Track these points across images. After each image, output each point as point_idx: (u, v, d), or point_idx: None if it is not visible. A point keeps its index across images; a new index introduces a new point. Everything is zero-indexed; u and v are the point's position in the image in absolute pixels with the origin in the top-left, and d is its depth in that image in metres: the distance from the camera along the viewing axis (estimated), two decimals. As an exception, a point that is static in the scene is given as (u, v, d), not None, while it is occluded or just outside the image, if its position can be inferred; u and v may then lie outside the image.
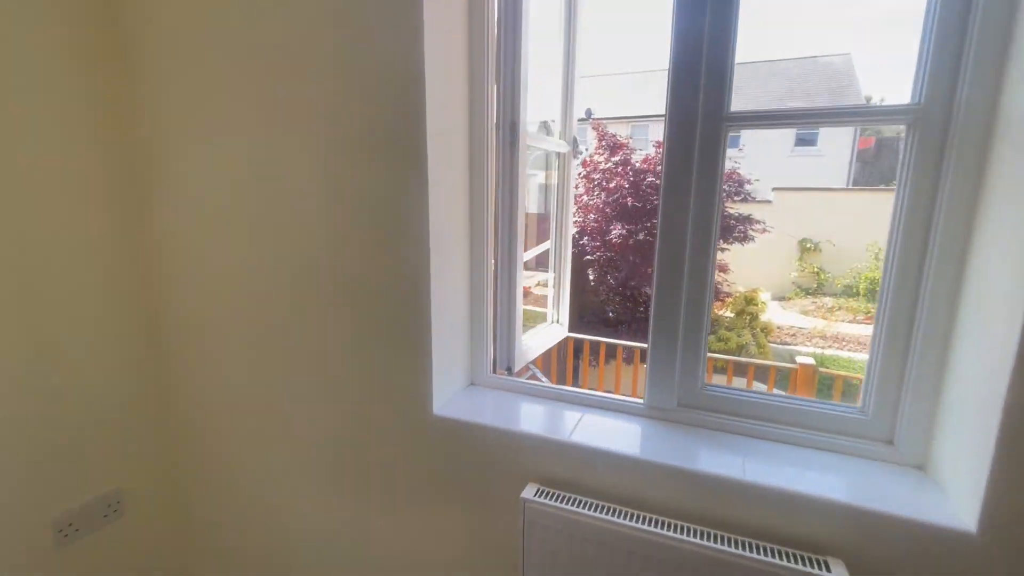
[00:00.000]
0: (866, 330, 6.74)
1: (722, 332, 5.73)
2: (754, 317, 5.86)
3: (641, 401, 1.20)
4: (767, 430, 1.08)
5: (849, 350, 5.89)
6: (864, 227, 8.37)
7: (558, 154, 1.69)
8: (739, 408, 1.12)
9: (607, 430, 1.14)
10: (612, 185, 5.42)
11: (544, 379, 1.48)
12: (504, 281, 1.37)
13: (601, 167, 5.75)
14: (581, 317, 6.36)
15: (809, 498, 0.90)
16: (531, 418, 1.21)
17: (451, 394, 1.27)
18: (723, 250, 5.55)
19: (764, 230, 5.45)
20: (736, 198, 5.40)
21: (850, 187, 9.08)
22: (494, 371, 1.41)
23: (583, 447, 1.06)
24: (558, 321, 1.80)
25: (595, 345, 4.81)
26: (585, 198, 6.01)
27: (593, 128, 6.27)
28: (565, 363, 4.80)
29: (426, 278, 1.12)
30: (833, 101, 17.90)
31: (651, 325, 1.16)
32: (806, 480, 0.94)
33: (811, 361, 3.86)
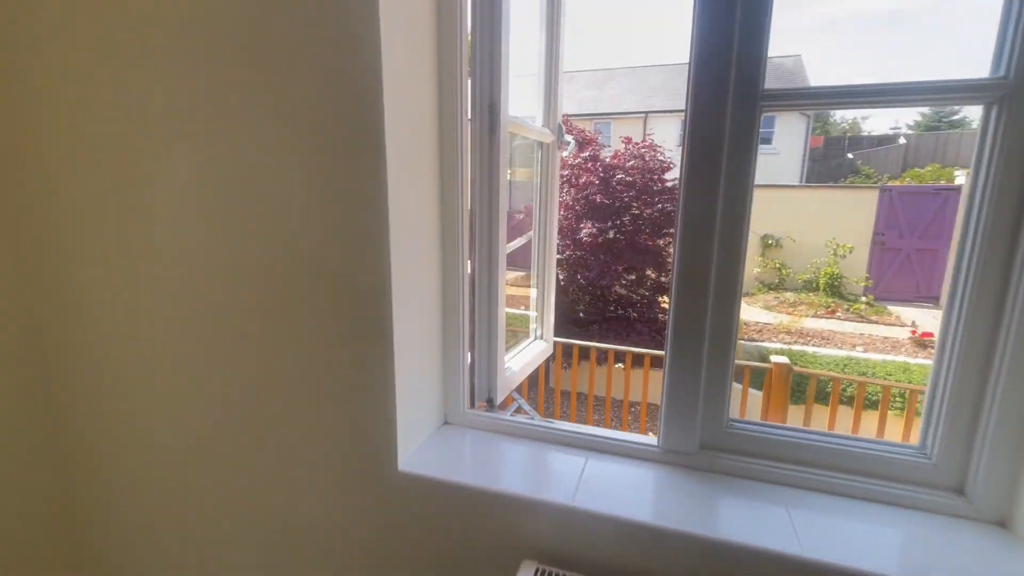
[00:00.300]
0: (829, 324, 6.88)
1: (693, 331, 5.68)
2: (723, 315, 5.83)
3: (654, 442, 1.00)
4: (807, 477, 0.89)
5: (814, 345, 5.97)
6: (822, 223, 8.57)
7: (540, 144, 1.46)
8: (773, 450, 0.93)
9: (617, 484, 0.92)
10: (581, 181, 5.26)
11: (531, 410, 1.25)
12: (483, 291, 1.14)
13: (570, 163, 5.58)
14: (551, 318, 6.18)
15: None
16: (523, 471, 0.98)
17: (421, 440, 1.03)
18: (693, 248, 5.49)
19: (734, 227, 5.43)
20: (705, 195, 5.35)
21: (809, 184, 9.28)
22: (472, 405, 1.17)
23: (592, 514, 0.84)
24: (542, 336, 1.58)
25: (567, 348, 4.63)
26: (554, 195, 5.83)
27: (560, 123, 6.09)
28: (536, 369, 4.59)
29: (386, 291, 0.87)
30: (786, 101, 18.39)
31: (668, 349, 0.95)
32: (870, 550, 0.75)
33: (785, 360, 3.81)
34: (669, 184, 5.47)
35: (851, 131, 36.30)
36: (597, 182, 5.18)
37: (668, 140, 6.03)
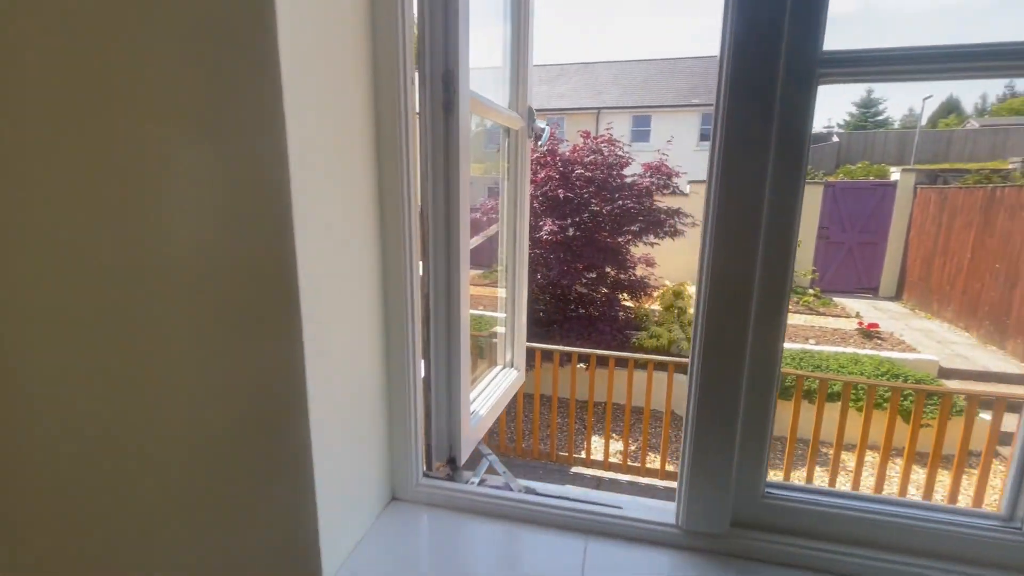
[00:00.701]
0: (780, 318, 7.02)
1: (653, 329, 5.61)
2: (682, 311, 5.80)
3: (671, 519, 0.77)
4: (869, 564, 0.69)
5: (769, 339, 6.04)
6: (771, 218, 8.77)
7: (508, 131, 1.20)
8: (824, 525, 0.72)
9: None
10: (540, 177, 5.04)
11: (502, 469, 0.99)
12: (440, 308, 0.87)
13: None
14: (510, 319, 5.95)
15: None
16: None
17: (357, 534, 0.75)
18: (653, 244, 5.40)
19: (694, 223, 5.37)
20: (665, 191, 5.26)
21: (758, 180, 9.45)
22: (429, 467, 0.90)
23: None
24: (513, 364, 1.32)
25: (529, 350, 4.42)
26: (512, 191, 5.58)
27: (531, 107, 5.84)
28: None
29: (291, 304, 0.59)
30: (731, 99, 18.94)
31: (695, 394, 0.72)
32: None
33: (751, 359, 3.74)
34: (628, 180, 5.34)
35: (789, 129, 38.11)
36: (557, 177, 4.98)
37: (623, 137, 5.91)
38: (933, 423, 3.45)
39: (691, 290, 5.93)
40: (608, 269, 5.69)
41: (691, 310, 5.86)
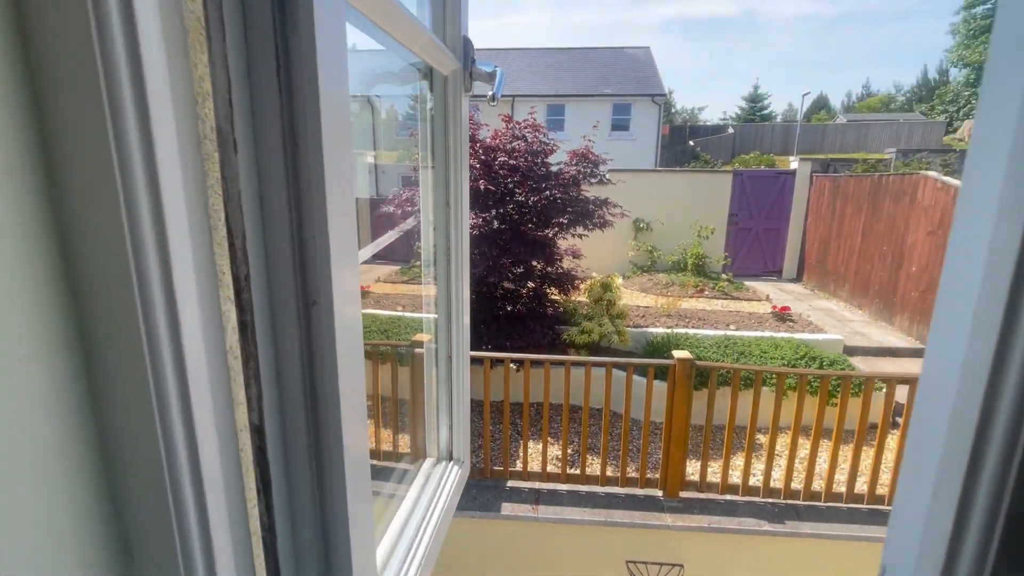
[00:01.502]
0: (701, 304, 7.18)
1: (584, 324, 5.41)
2: (611, 304, 5.67)
3: None
4: None
5: (693, 327, 6.12)
6: (686, 206, 9.00)
7: (433, 74, 0.76)
8: None
9: None
10: (460, 166, 4.59)
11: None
12: (293, 398, 0.43)
13: (445, 144, 4.86)
14: (433, 322, 5.47)
15: None
16: None
17: None
18: (582, 236, 5.18)
19: (622, 214, 5.21)
20: (592, 180, 5.04)
21: (672, 169, 9.70)
22: None
23: None
24: (452, 453, 0.89)
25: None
26: (429, 181, 5.07)
27: (468, 39, 5.31)
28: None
29: None
30: (640, 89, 19.59)
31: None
32: None
33: (687, 355, 3.62)
34: (554, 169, 5.05)
35: (691, 120, 40.68)
36: (479, 166, 4.55)
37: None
38: (858, 402, 3.58)
39: (619, 282, 5.82)
40: (535, 263, 5.39)
41: (620, 302, 5.75)
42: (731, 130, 27.25)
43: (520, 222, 5.06)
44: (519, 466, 4.14)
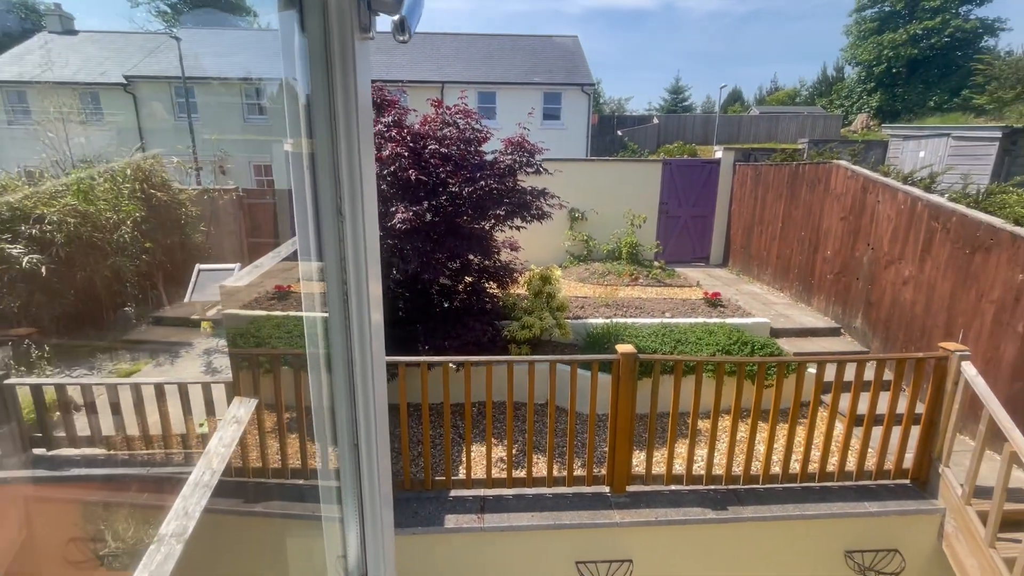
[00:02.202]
0: (636, 292, 7.26)
1: (525, 319, 5.25)
2: (551, 296, 5.55)
3: None
4: None
5: (631, 316, 6.15)
6: (619, 195, 9.08)
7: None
8: None
9: None
10: (386, 154, 4.21)
11: None
12: None
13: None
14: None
15: None
16: None
17: None
18: (520, 228, 4.98)
19: (560, 205, 5.06)
20: (528, 170, 4.84)
21: (606, 158, 9.75)
22: None
23: None
24: None
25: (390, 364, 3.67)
26: (353, 171, 4.64)
27: None
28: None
29: None
30: (569, 78, 19.67)
31: None
32: None
33: (631, 349, 3.54)
34: (488, 158, 4.80)
35: (618, 111, 41.72)
36: (407, 154, 4.20)
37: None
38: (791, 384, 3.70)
39: (559, 273, 5.70)
40: (472, 257, 5.14)
41: (560, 295, 5.64)
42: (656, 120, 28.19)
43: (455, 214, 4.78)
44: (462, 473, 3.92)
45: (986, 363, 4.34)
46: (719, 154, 9.11)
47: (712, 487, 3.86)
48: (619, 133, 26.14)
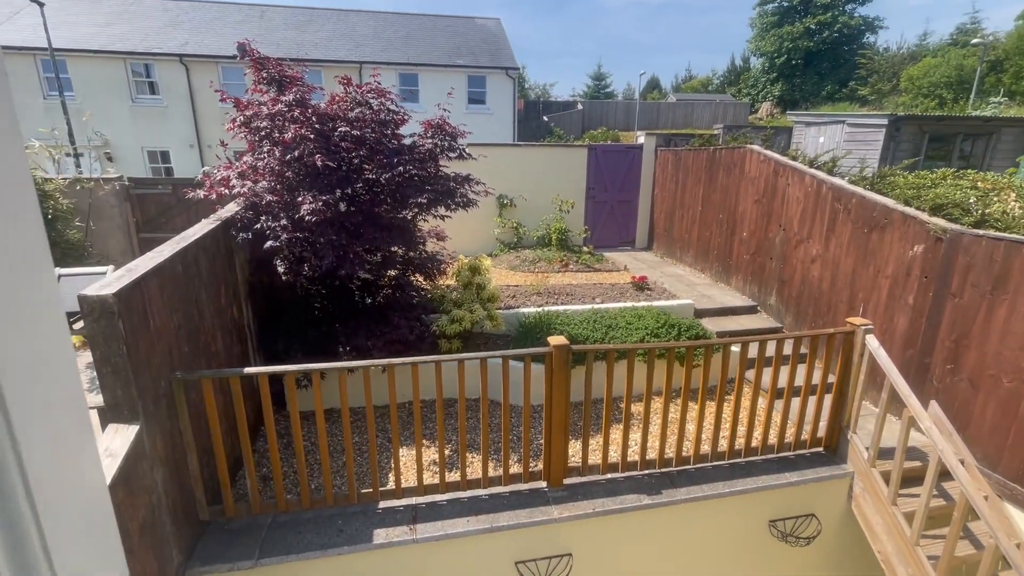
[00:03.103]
0: (567, 279, 7.24)
1: (454, 312, 5.01)
2: (482, 287, 5.35)
3: None
4: None
5: (563, 303, 6.10)
6: (546, 181, 9.00)
7: None
8: None
9: None
10: (289, 137, 3.76)
11: None
12: None
13: (267, 111, 3.95)
14: (278, 327, 4.61)
15: None
16: None
17: None
18: (444, 218, 4.70)
19: (486, 191, 4.83)
20: (451, 155, 4.56)
21: (534, 144, 9.62)
22: None
23: None
24: None
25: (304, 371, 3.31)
26: (249, 158, 4.12)
27: (246, 55, 4.31)
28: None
29: None
30: (494, 61, 19.33)
31: None
32: None
33: (564, 341, 3.43)
34: (407, 141, 4.46)
35: (543, 96, 41.86)
36: (313, 137, 3.78)
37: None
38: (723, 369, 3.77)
39: (488, 263, 5.50)
40: (396, 249, 4.81)
41: (491, 285, 5.45)
42: (580, 107, 28.58)
43: (373, 203, 4.41)
44: (392, 482, 3.65)
45: (883, 334, 4.70)
46: (641, 139, 9.27)
47: (647, 472, 3.87)
48: (545, 119, 26.23)
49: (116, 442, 2.43)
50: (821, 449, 4.16)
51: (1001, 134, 11.35)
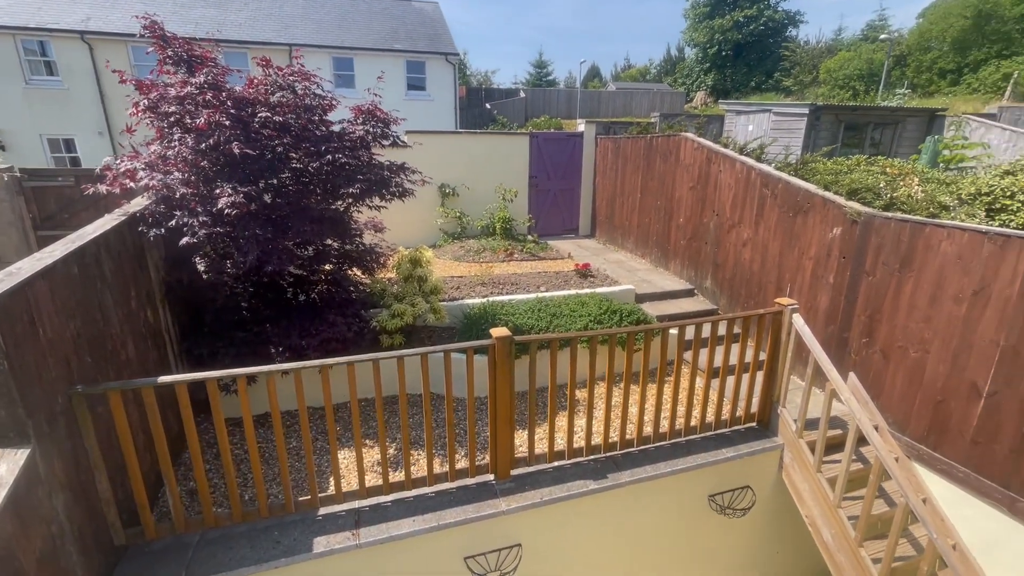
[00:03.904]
0: (512, 268, 7.20)
1: (395, 306, 4.85)
2: (424, 280, 5.20)
3: None
4: None
5: (507, 293, 6.06)
6: (489, 169, 8.90)
7: None
8: None
9: None
10: (202, 122, 3.45)
11: None
12: None
13: (175, 94, 3.59)
14: (201, 330, 4.28)
15: None
16: None
17: None
18: (380, 208, 4.51)
19: (423, 180, 4.66)
20: (384, 142, 4.35)
21: (475, 131, 9.46)
22: None
23: None
24: None
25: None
26: (157, 146, 3.74)
27: (147, 32, 3.89)
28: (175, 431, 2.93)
29: None
30: (433, 46, 18.85)
31: None
32: None
33: (506, 332, 3.38)
34: (337, 128, 4.22)
35: (485, 83, 41.39)
36: (229, 123, 3.48)
37: (326, 84, 4.65)
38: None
39: (430, 254, 5.36)
40: (330, 242, 4.58)
41: (433, 277, 5.31)
42: (523, 94, 28.51)
43: (302, 194, 4.15)
44: (332, 487, 3.49)
45: (808, 312, 4.99)
46: (582, 127, 9.33)
47: (593, 457, 3.92)
48: (488, 106, 25.97)
49: (1, 469, 2.14)
50: (754, 424, 4.38)
51: (906, 123, 12.34)
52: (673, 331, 4.12)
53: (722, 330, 4.06)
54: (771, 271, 5.47)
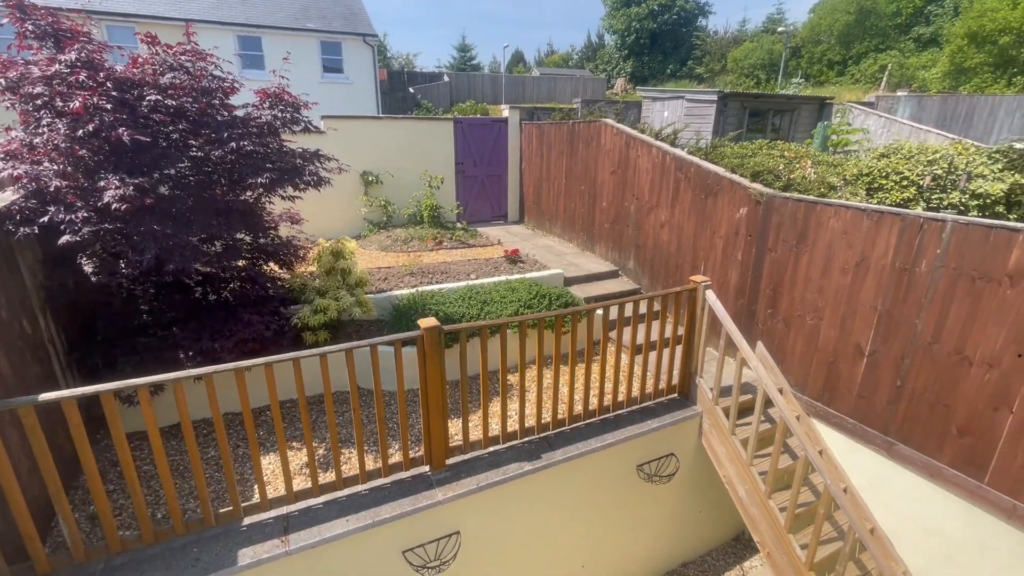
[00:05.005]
0: (442, 256, 7.11)
1: (318, 301, 4.62)
2: (347, 272, 4.99)
3: None
4: None
5: (437, 282, 5.97)
6: (413, 156, 8.67)
7: None
8: None
9: None
10: (76, 106, 3.05)
11: None
12: None
13: (39, 73, 3.14)
14: (91, 341, 3.85)
15: None
16: None
17: None
18: (293, 198, 4.25)
19: (340, 168, 4.43)
20: (295, 128, 4.08)
21: (397, 116, 9.14)
22: None
23: None
24: None
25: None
26: (20, 133, 3.27)
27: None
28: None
29: None
30: (349, 26, 17.95)
31: None
32: None
33: (434, 323, 3.34)
34: (240, 113, 3.91)
35: (407, 67, 40.08)
36: (111, 107, 3.10)
37: (230, 65, 4.28)
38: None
39: (353, 245, 5.15)
40: (241, 236, 4.27)
41: (358, 269, 5.12)
42: (447, 78, 27.92)
43: (205, 185, 3.82)
44: (256, 495, 3.31)
45: (719, 287, 5.35)
46: (507, 113, 9.31)
47: (527, 439, 4.00)
48: (411, 90, 25.18)
49: None
50: (676, 395, 4.66)
51: (801, 110, 13.46)
52: (599, 312, 4.27)
53: (643, 308, 4.26)
54: (687, 251, 5.80)
